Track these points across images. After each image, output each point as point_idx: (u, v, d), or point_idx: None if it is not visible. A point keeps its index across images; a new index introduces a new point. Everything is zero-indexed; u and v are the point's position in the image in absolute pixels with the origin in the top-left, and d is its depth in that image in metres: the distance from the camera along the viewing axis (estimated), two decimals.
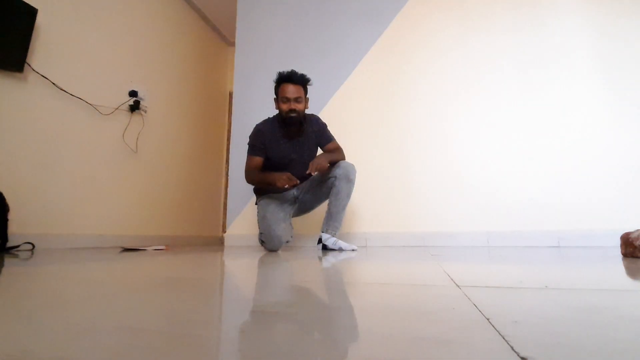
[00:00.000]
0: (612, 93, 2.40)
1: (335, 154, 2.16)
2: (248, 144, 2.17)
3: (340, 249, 2.03)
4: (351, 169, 2.09)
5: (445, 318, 0.42)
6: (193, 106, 3.85)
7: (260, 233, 2.11)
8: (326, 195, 2.17)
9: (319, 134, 2.22)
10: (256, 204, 2.29)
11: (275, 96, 2.14)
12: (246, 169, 2.16)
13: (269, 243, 2.05)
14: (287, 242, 2.15)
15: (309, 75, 2.12)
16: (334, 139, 2.25)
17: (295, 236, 2.42)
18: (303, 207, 2.29)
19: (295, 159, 2.16)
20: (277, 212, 2.12)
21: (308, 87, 2.13)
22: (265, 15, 3.17)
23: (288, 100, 2.05)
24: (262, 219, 2.12)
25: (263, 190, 2.24)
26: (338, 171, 2.09)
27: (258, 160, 2.13)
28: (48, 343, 0.32)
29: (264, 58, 3.07)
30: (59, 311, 0.46)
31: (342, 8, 3.00)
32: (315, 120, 2.25)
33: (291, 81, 2.05)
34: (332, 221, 2.10)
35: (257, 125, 2.20)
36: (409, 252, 1.78)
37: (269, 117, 2.24)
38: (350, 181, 2.08)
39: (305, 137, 2.19)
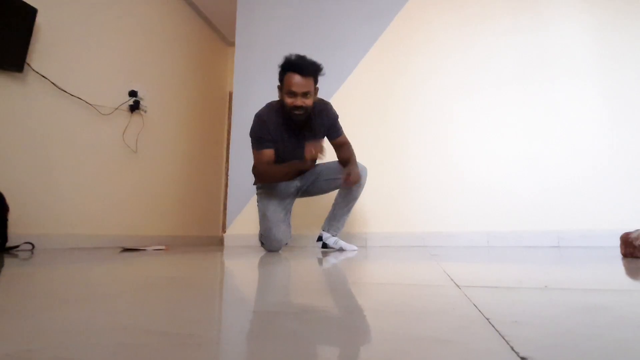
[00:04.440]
0: (612, 93, 2.40)
1: (353, 160, 2.00)
2: (252, 136, 1.90)
3: (341, 249, 2.02)
4: (363, 174, 1.99)
5: (445, 318, 0.42)
6: (193, 106, 3.85)
7: (261, 234, 2.09)
8: (332, 190, 2.12)
9: (329, 126, 1.98)
10: (257, 194, 2.15)
11: (279, 84, 1.85)
12: (257, 166, 1.92)
13: (268, 245, 2.04)
14: (285, 244, 2.12)
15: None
16: (343, 133, 2.04)
17: (295, 236, 2.42)
18: (306, 195, 2.18)
19: (301, 153, 1.89)
20: (278, 212, 2.05)
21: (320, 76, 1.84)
22: (265, 15, 3.17)
23: (294, 95, 1.76)
24: (262, 218, 2.07)
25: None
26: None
27: (269, 153, 1.86)
28: (48, 343, 0.32)
29: (264, 58, 3.06)
30: (59, 311, 0.46)
31: (342, 8, 3.00)
32: (327, 111, 1.96)
33: (300, 72, 1.74)
34: (334, 222, 2.08)
35: (258, 115, 1.89)
36: (409, 252, 1.78)
37: (271, 103, 1.93)
38: (360, 185, 2.01)
39: (312, 131, 1.93)
